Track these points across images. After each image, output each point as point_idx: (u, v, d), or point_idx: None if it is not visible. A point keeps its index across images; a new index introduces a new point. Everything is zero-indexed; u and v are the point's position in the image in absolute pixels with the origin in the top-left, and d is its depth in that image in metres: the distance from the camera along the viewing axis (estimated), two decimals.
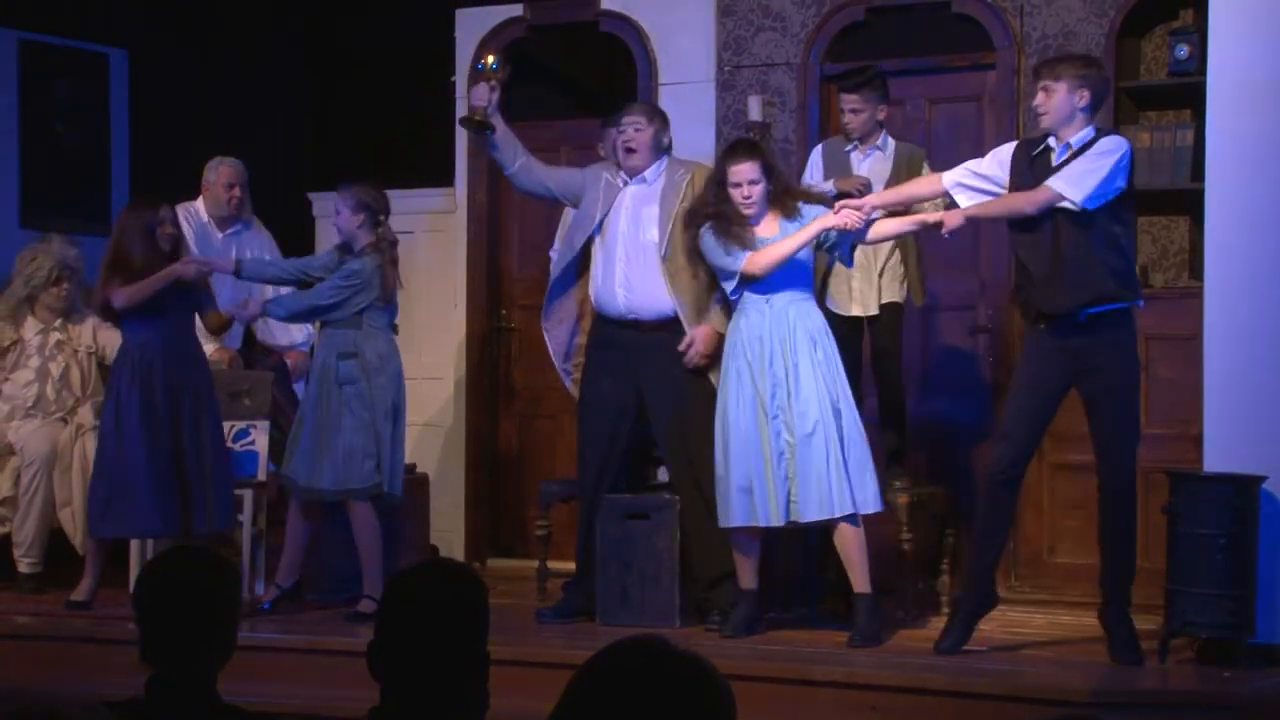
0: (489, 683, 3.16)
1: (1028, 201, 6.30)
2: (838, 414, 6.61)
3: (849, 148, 7.53)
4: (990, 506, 6.48)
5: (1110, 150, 6.26)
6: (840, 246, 6.77)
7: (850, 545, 6.64)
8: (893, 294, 7.51)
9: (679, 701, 2.30)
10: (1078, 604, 7.25)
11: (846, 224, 6.54)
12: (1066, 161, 6.30)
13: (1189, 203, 7.70)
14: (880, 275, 7.48)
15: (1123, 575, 6.37)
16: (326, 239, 8.73)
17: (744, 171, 6.72)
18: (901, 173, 7.37)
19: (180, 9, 10.23)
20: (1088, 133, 6.33)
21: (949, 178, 6.54)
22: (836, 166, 7.48)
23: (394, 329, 7.53)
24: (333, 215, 7.62)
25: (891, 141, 7.53)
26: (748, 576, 6.83)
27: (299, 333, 8.72)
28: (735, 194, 6.71)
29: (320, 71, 10.72)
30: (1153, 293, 7.98)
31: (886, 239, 6.95)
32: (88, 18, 10.05)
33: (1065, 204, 6.22)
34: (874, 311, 7.48)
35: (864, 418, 7.46)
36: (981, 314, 8.32)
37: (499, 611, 3.29)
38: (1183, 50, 7.85)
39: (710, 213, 6.76)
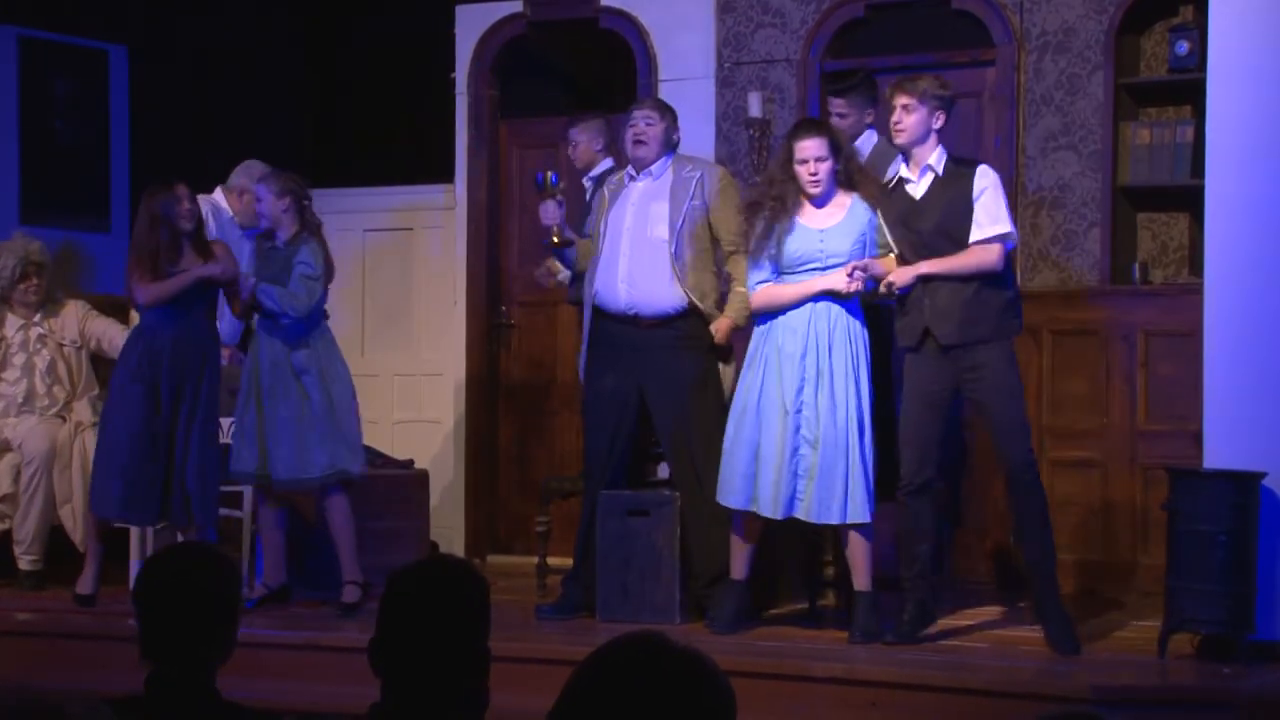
0: (489, 679, 3.16)
1: (996, 256, 6.44)
2: (862, 421, 6.59)
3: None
4: (909, 517, 6.60)
5: (1001, 185, 6.55)
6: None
7: (860, 550, 6.64)
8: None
9: (679, 698, 2.30)
10: (1075, 600, 7.25)
11: (841, 289, 6.54)
12: (932, 187, 6.51)
13: (1189, 199, 7.70)
14: None
15: (1046, 564, 6.47)
16: (327, 236, 8.71)
17: (810, 148, 6.65)
18: (872, 168, 7.31)
19: (180, 5, 10.23)
20: (941, 153, 6.54)
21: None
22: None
23: (325, 314, 7.57)
24: (255, 201, 7.60)
25: (873, 139, 7.48)
26: (740, 566, 6.83)
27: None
28: (801, 171, 6.64)
29: (320, 68, 10.72)
30: (1152, 289, 8.00)
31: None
32: (87, 14, 10.04)
33: (1011, 241, 6.50)
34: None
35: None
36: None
37: (499, 608, 3.29)
38: (1183, 46, 7.86)
39: (773, 194, 6.70)
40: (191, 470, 7.30)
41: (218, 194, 8.57)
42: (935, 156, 6.53)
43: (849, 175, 6.72)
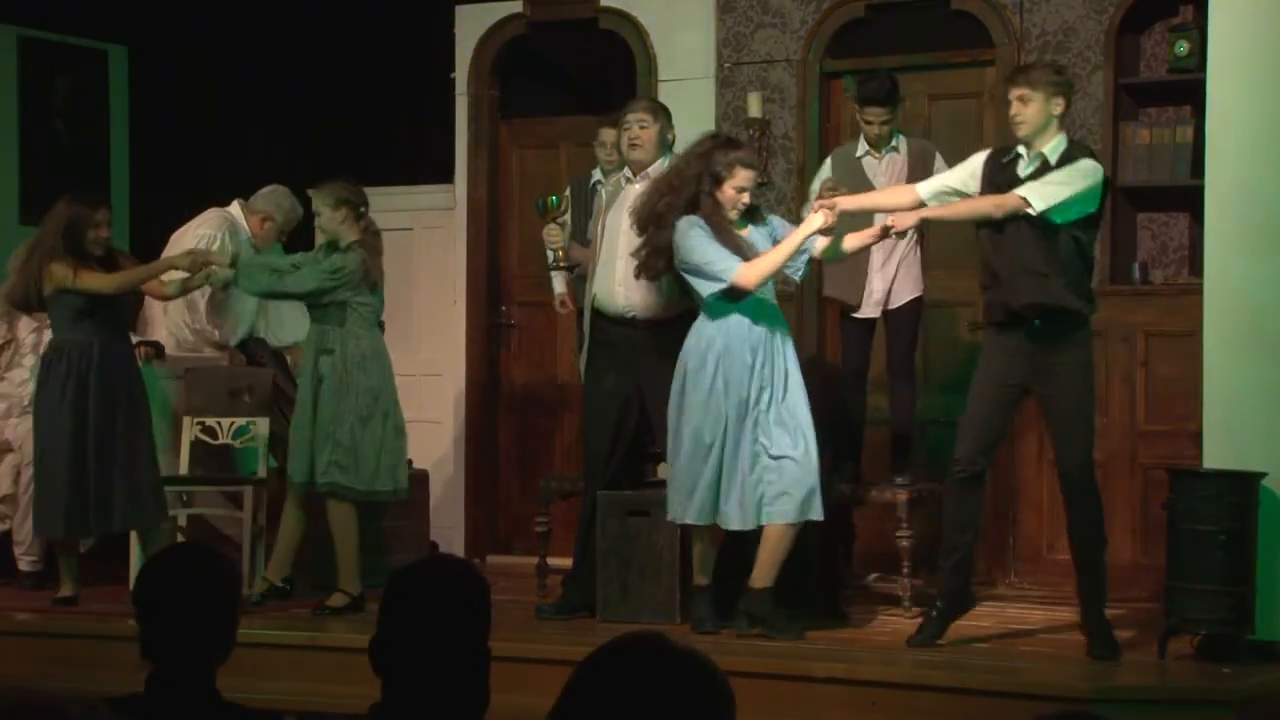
0: (489, 679, 3.17)
1: (994, 205, 6.33)
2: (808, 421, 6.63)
3: (860, 153, 7.53)
4: (955, 504, 6.55)
5: (1087, 173, 6.32)
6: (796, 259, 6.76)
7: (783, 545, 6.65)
8: (914, 289, 7.53)
9: (678, 698, 2.30)
10: (1075, 598, 7.25)
11: (826, 224, 6.55)
12: (1037, 171, 6.34)
13: (1188, 199, 7.70)
14: (896, 273, 7.49)
15: (1097, 573, 6.47)
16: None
17: (752, 177, 6.71)
18: (917, 170, 7.36)
19: (180, 5, 10.23)
20: (1060, 143, 6.39)
21: (924, 188, 6.58)
22: (849, 173, 7.44)
23: (380, 326, 7.52)
24: (315, 219, 7.57)
25: (905, 140, 7.53)
26: (707, 574, 6.86)
27: (301, 331, 8.72)
28: (734, 197, 6.66)
29: (320, 68, 10.72)
30: (1152, 289, 8.00)
31: (859, 251, 6.91)
32: (87, 14, 10.05)
33: (1028, 210, 6.26)
34: (894, 307, 7.49)
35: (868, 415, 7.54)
36: (980, 310, 8.31)
37: (499, 608, 3.29)
38: (1183, 46, 7.86)
39: (705, 210, 6.69)
40: (124, 472, 7.36)
41: (235, 208, 8.55)
42: (1053, 146, 6.39)
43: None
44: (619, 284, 7.09)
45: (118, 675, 5.74)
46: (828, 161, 7.65)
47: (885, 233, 6.58)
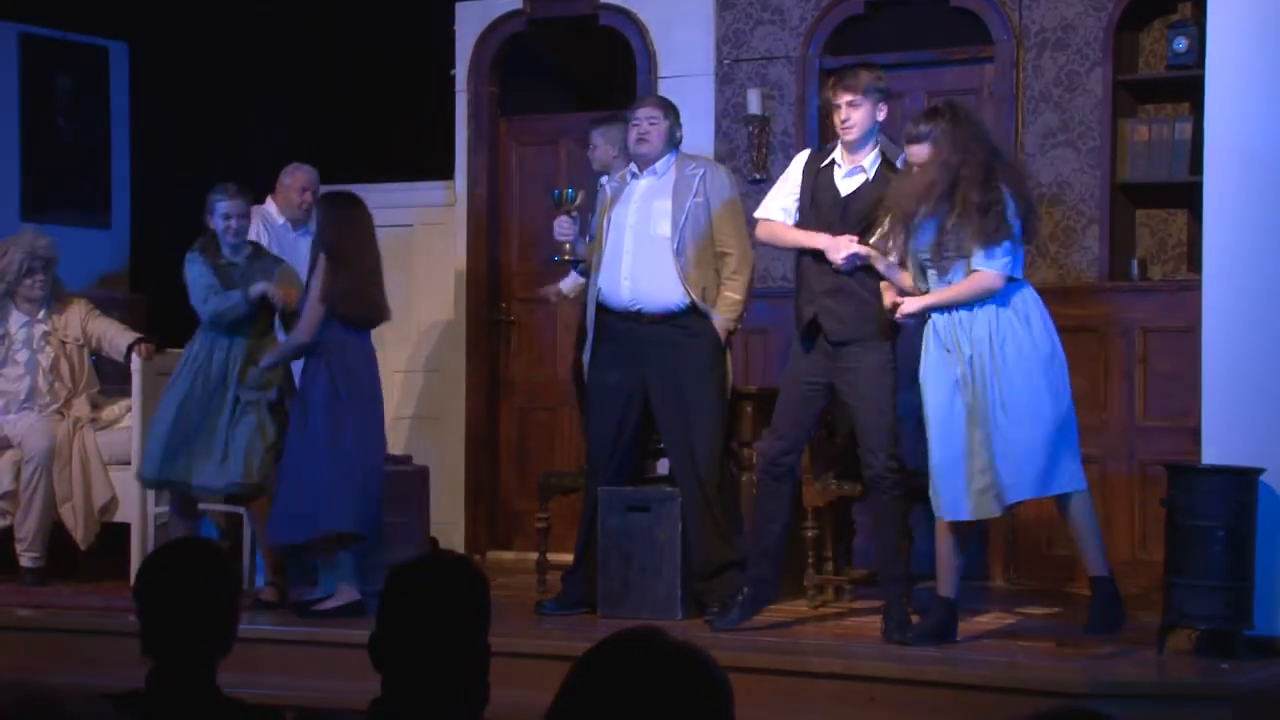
0: (489, 674, 3.18)
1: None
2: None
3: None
4: (765, 495, 6.76)
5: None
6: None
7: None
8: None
9: (677, 693, 2.31)
10: (1075, 595, 7.27)
11: (840, 263, 6.55)
12: (863, 187, 6.59)
13: (1187, 196, 7.71)
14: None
15: (896, 556, 6.64)
16: None
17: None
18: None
19: (180, 2, 10.24)
20: (876, 156, 6.63)
21: (762, 211, 6.78)
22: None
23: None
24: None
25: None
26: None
27: None
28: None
29: (320, 64, 10.73)
30: (1151, 285, 8.01)
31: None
32: (88, 11, 10.05)
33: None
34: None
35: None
36: None
37: (499, 604, 3.30)
38: (1181, 43, 7.86)
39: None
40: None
41: (269, 204, 8.58)
42: (870, 159, 6.62)
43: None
44: (625, 278, 7.10)
45: (119, 671, 5.75)
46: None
47: (894, 314, 6.47)
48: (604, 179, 7.82)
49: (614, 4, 9.09)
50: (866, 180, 6.63)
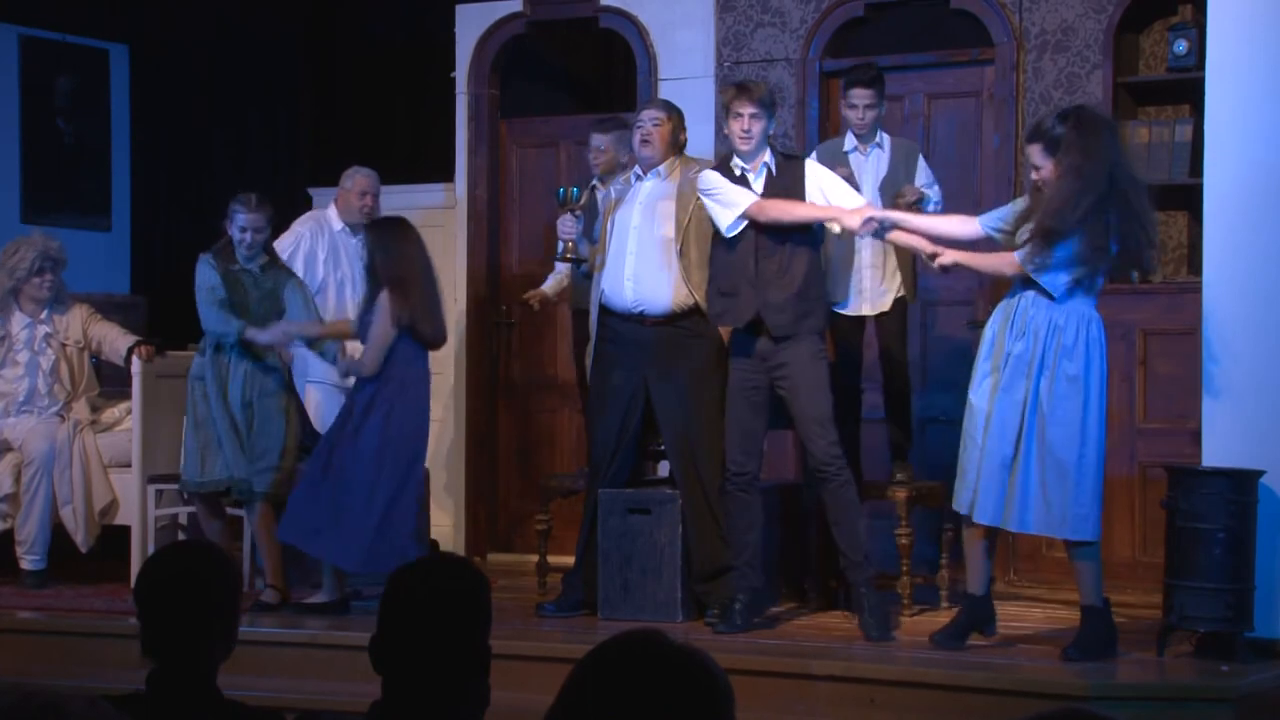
0: (490, 677, 3.18)
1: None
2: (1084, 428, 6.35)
3: (849, 148, 7.54)
4: (736, 508, 6.85)
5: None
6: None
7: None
8: (899, 290, 7.53)
9: (677, 695, 2.31)
10: (1075, 598, 7.26)
11: (861, 232, 6.67)
12: (764, 181, 6.74)
13: (1187, 198, 7.71)
14: (885, 272, 7.49)
15: (857, 552, 6.72)
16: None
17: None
18: (899, 169, 7.38)
19: (180, 5, 10.24)
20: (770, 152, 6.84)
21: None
22: (835, 168, 7.46)
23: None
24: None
25: (888, 138, 7.54)
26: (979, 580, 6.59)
27: None
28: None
29: (320, 67, 10.73)
30: (1151, 287, 8.01)
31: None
32: (88, 14, 10.07)
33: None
34: (885, 309, 7.47)
35: (866, 413, 7.52)
36: (979, 309, 8.33)
37: (499, 606, 3.30)
38: (1181, 45, 7.87)
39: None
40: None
41: (330, 209, 8.62)
42: (765, 156, 6.81)
43: None
44: (628, 279, 7.11)
45: (119, 673, 5.76)
46: (814, 154, 7.61)
47: (931, 259, 6.57)
48: (598, 183, 7.83)
49: (614, 6, 9.09)
50: (771, 174, 6.84)
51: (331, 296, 8.51)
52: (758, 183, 6.81)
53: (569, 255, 7.31)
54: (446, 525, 9.17)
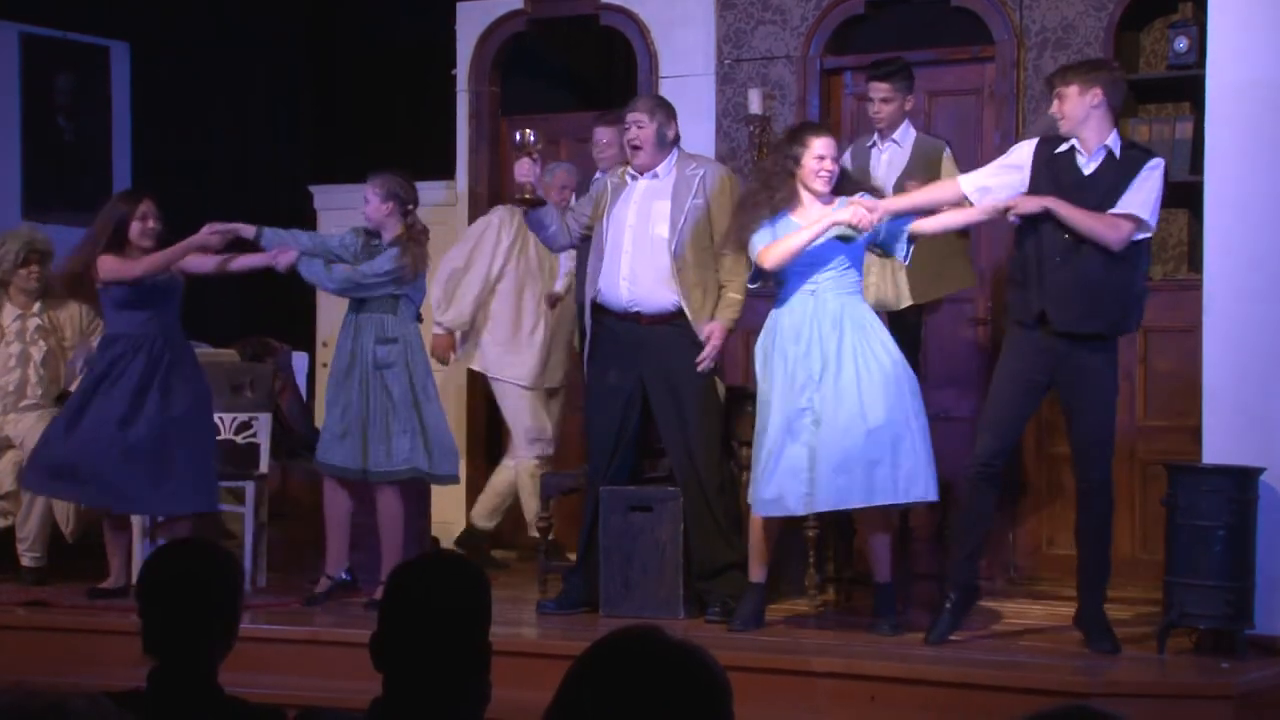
0: (490, 674, 3.18)
1: (1115, 233, 6.23)
2: (887, 404, 6.49)
3: (869, 143, 7.54)
4: (972, 498, 6.53)
5: (1161, 175, 6.34)
6: (891, 241, 6.64)
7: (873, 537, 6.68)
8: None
9: (675, 690, 2.31)
10: (1076, 596, 7.26)
11: (856, 222, 6.46)
12: (1104, 169, 6.32)
13: (1188, 195, 7.71)
14: (893, 275, 7.49)
15: (1097, 575, 6.47)
16: (327, 231, 8.72)
17: (827, 146, 6.63)
18: (918, 166, 7.37)
19: (181, 2, 10.25)
20: (1116, 138, 6.38)
21: (967, 181, 6.53)
22: (862, 163, 7.47)
23: (419, 317, 7.58)
24: (362, 204, 7.60)
25: (912, 133, 7.53)
26: (758, 569, 6.83)
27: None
28: (818, 166, 6.60)
29: (321, 64, 10.74)
30: (1152, 285, 8.00)
31: (939, 233, 6.81)
32: (89, 11, 10.07)
33: (1142, 235, 6.28)
34: (898, 308, 7.47)
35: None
36: (980, 305, 8.34)
37: (500, 603, 3.30)
38: (1182, 43, 7.87)
39: (772, 194, 6.64)
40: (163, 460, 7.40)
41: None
42: (1113, 137, 6.40)
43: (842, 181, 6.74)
44: (623, 278, 7.11)
45: (120, 670, 5.76)
46: (847, 154, 7.57)
47: (1005, 214, 6.46)
48: (600, 174, 7.81)
49: (615, 4, 9.10)
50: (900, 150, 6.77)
51: (510, 285, 8.52)
52: (1089, 162, 6.38)
53: (527, 195, 7.23)
54: (447, 523, 9.16)
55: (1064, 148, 6.39)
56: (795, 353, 6.57)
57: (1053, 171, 6.38)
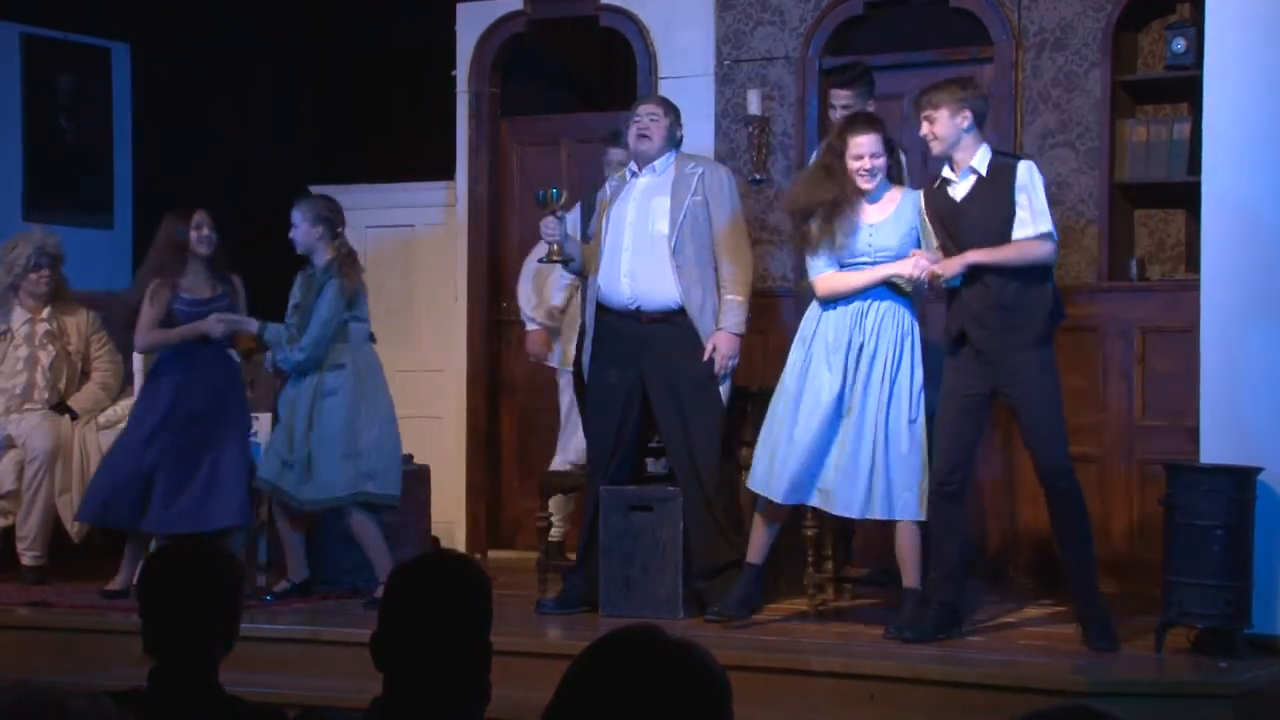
0: (491, 673, 3.19)
1: (1041, 253, 6.39)
2: (912, 415, 6.60)
3: None
4: (934, 517, 6.56)
5: (1036, 173, 6.48)
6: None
7: (908, 546, 6.68)
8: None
9: (674, 689, 2.32)
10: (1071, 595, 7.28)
11: (915, 275, 6.49)
12: (975, 191, 6.44)
13: (1185, 196, 7.72)
14: None
15: (1084, 573, 6.47)
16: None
17: (867, 144, 6.60)
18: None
19: (181, 3, 10.25)
20: (986, 154, 6.48)
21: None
22: None
23: (371, 338, 7.65)
24: (352, 209, 7.66)
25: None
26: (757, 551, 6.84)
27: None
28: (857, 165, 6.61)
29: (321, 65, 10.75)
30: (1149, 285, 8.03)
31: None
32: (90, 12, 10.07)
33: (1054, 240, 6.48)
34: None
35: None
36: None
37: (500, 603, 3.31)
38: (1179, 43, 7.87)
39: (827, 196, 6.63)
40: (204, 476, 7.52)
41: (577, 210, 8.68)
42: (979, 156, 6.47)
43: (898, 171, 6.78)
44: (624, 276, 7.12)
45: (120, 670, 5.78)
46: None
47: (937, 283, 6.49)
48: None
49: (614, 5, 9.11)
50: (980, 178, 6.56)
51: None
52: (958, 187, 6.51)
53: (554, 257, 7.30)
54: (447, 522, 9.18)
55: (936, 184, 6.55)
56: (833, 355, 6.62)
57: (934, 210, 6.54)
